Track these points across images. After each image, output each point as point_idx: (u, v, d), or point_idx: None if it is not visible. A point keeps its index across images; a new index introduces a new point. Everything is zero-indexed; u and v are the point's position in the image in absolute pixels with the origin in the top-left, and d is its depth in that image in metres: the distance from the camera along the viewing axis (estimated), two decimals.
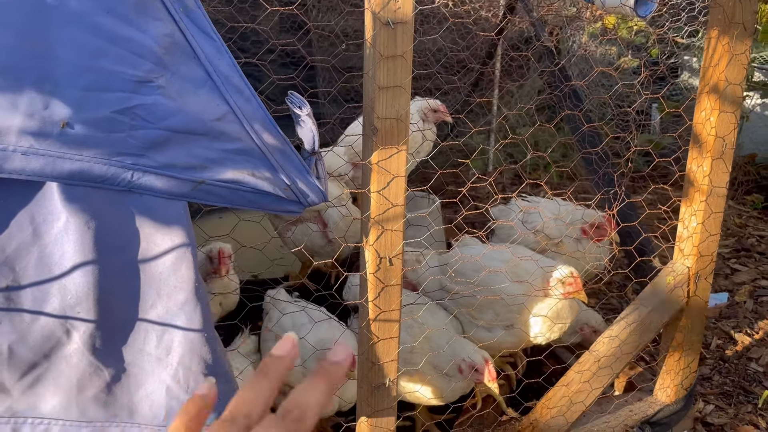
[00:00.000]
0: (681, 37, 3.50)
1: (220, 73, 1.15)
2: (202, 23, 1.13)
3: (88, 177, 1.11)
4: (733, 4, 1.71)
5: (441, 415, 2.17)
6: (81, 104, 1.07)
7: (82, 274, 1.15)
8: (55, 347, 1.19)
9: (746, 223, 4.25)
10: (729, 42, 1.75)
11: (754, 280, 3.59)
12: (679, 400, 2.16)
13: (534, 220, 2.45)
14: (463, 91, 4.05)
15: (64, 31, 1.04)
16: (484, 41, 3.73)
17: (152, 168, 1.15)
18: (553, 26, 3.33)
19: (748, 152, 4.92)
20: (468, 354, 1.93)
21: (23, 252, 1.15)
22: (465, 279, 2.06)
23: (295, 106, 1.27)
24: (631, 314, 2.01)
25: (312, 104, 1.30)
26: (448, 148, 3.80)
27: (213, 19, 1.15)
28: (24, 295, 1.16)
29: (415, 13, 1.34)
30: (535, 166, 4.67)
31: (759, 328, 3.16)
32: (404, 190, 1.45)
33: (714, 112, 1.82)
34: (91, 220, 1.15)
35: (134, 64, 1.08)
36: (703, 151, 1.87)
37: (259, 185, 1.24)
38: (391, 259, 1.49)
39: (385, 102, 1.37)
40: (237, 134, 1.19)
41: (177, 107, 1.13)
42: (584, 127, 2.33)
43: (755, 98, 4.89)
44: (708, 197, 1.90)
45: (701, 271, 2.00)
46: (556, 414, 1.96)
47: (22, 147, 1.06)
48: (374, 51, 1.33)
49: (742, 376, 2.84)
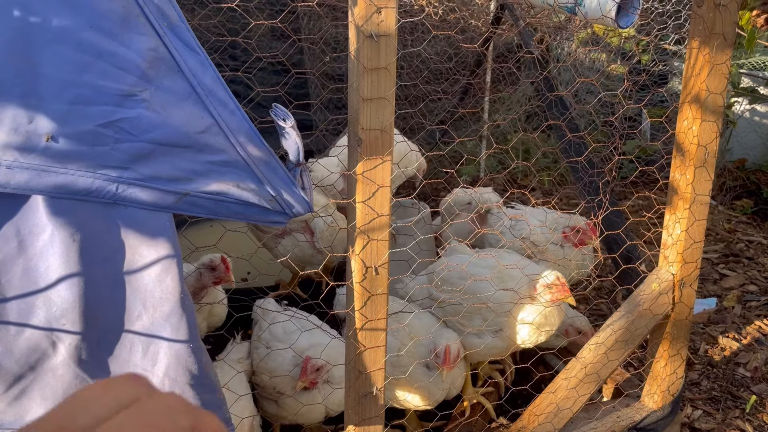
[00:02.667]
0: (668, 44, 3.53)
1: (204, 86, 1.16)
2: (186, 38, 1.14)
3: (73, 190, 1.13)
4: (713, 16, 1.74)
5: (430, 423, 2.18)
6: (65, 118, 1.08)
7: (68, 287, 1.16)
8: (41, 359, 1.20)
9: (735, 228, 4.28)
10: (710, 52, 1.77)
11: (743, 285, 3.61)
12: (666, 405, 2.17)
13: (522, 228, 2.47)
14: (452, 99, 4.07)
15: (49, 47, 1.05)
16: (472, 50, 3.75)
17: (137, 180, 1.16)
18: (542, 34, 3.36)
19: (738, 158, 4.96)
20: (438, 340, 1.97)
21: (8, 264, 1.15)
22: (451, 287, 2.08)
23: (279, 119, 1.29)
24: (617, 321, 2.03)
25: (303, 112, 1.32)
26: (436, 156, 3.82)
27: (203, 28, 1.17)
28: (9, 307, 1.16)
29: (403, 23, 1.36)
30: (526, 172, 4.70)
31: (747, 333, 3.19)
32: (389, 200, 1.46)
33: (696, 121, 1.84)
34: (76, 232, 1.16)
35: (118, 78, 1.10)
36: (686, 160, 1.90)
37: (244, 197, 1.25)
38: (377, 268, 1.50)
39: (369, 113, 1.38)
40: (221, 146, 1.20)
41: (161, 120, 1.14)
42: (569, 135, 2.35)
43: (744, 104, 4.93)
44: (691, 205, 1.92)
45: (686, 278, 2.02)
46: (543, 421, 1.97)
47: (6, 161, 1.07)
48: (358, 63, 1.34)
49: (730, 381, 2.86)
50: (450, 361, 1.94)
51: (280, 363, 2.00)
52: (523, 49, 3.19)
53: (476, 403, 2.25)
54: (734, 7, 1.75)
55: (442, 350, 1.95)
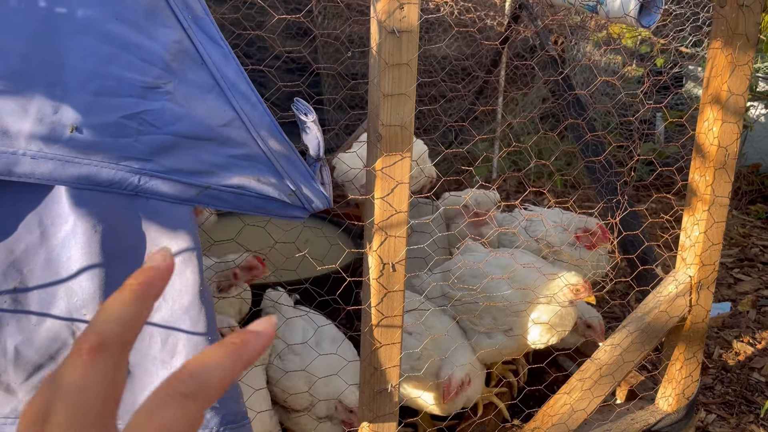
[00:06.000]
0: (685, 46, 3.51)
1: (227, 79, 1.17)
2: (210, 30, 1.14)
3: (96, 181, 1.13)
4: (736, 16, 1.73)
5: (443, 422, 2.18)
6: (90, 109, 1.09)
7: (89, 277, 1.17)
8: (62, 349, 1.20)
9: (750, 232, 4.25)
10: (732, 53, 1.76)
11: (757, 290, 3.58)
12: (681, 409, 2.16)
13: (536, 228, 2.46)
14: (467, 98, 4.06)
15: (74, 38, 1.06)
16: (489, 49, 3.74)
17: (159, 172, 1.17)
18: (558, 35, 3.35)
19: (753, 162, 4.92)
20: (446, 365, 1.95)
21: (31, 254, 1.16)
22: (465, 285, 2.07)
23: (301, 113, 1.29)
24: (633, 323, 2.01)
25: (317, 111, 1.32)
26: (452, 155, 3.82)
27: (219, 25, 1.17)
28: (31, 297, 1.17)
29: (420, 21, 1.36)
30: (540, 174, 4.68)
31: (761, 338, 3.16)
32: (408, 196, 1.46)
33: (717, 123, 1.83)
34: (98, 223, 1.16)
35: (143, 71, 1.10)
36: (706, 161, 1.88)
37: (265, 190, 1.26)
38: (394, 264, 1.50)
39: (389, 109, 1.38)
40: (243, 140, 1.21)
41: (184, 113, 1.14)
42: (587, 135, 2.34)
43: (760, 108, 4.89)
44: (710, 207, 1.91)
45: (703, 281, 2.00)
46: (557, 421, 1.97)
47: (31, 151, 1.07)
48: (379, 59, 1.34)
49: (744, 386, 2.84)
50: (449, 395, 1.93)
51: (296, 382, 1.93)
52: (540, 48, 3.18)
53: (489, 403, 2.24)
54: (757, 7, 1.74)
55: (446, 381, 1.94)
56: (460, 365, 1.98)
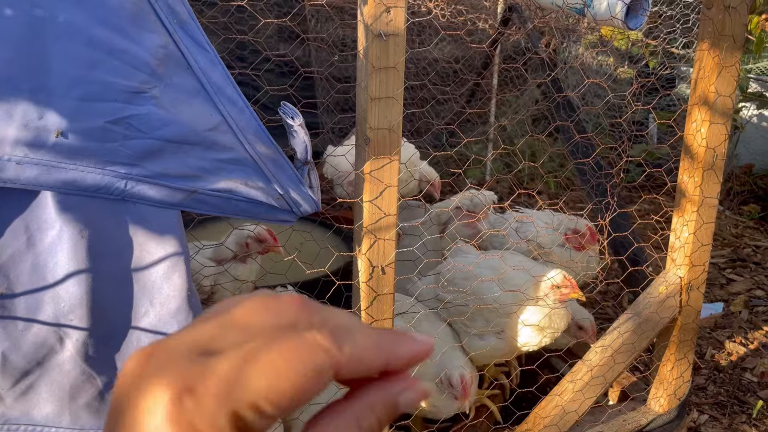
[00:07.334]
0: (676, 48, 3.52)
1: (213, 83, 1.17)
2: (196, 35, 1.14)
3: (82, 186, 1.13)
4: (722, 18, 1.74)
5: (434, 425, 2.18)
6: (75, 114, 1.08)
7: (76, 283, 1.17)
8: (49, 355, 1.20)
9: (742, 233, 4.26)
10: (719, 54, 1.77)
11: (750, 290, 3.59)
12: (673, 410, 2.16)
13: (527, 230, 2.47)
14: (458, 101, 4.07)
15: (59, 43, 1.05)
16: (480, 52, 3.75)
17: (146, 177, 1.16)
18: (550, 37, 3.36)
19: (745, 162, 4.94)
20: (449, 367, 1.94)
21: (17, 260, 1.16)
22: (456, 288, 2.07)
23: (288, 117, 1.29)
24: (624, 324, 2.02)
25: (309, 114, 1.32)
26: (443, 158, 3.82)
27: (210, 29, 1.17)
28: (17, 302, 1.17)
29: (411, 24, 1.36)
30: (532, 175, 4.69)
31: (754, 338, 3.17)
32: (396, 199, 1.46)
33: (705, 124, 1.84)
34: (84, 228, 1.16)
35: (128, 75, 1.10)
36: (695, 162, 1.89)
37: (252, 194, 1.25)
38: (384, 267, 1.50)
39: (377, 113, 1.38)
40: (230, 144, 1.20)
41: (170, 117, 1.14)
42: (576, 137, 2.35)
43: (752, 109, 4.91)
44: (699, 208, 1.91)
45: (693, 281, 2.01)
46: (548, 423, 1.97)
47: (16, 156, 1.07)
48: (366, 62, 1.34)
49: (736, 386, 2.84)
50: (468, 393, 1.92)
51: None
52: (531, 51, 3.19)
53: (481, 405, 2.24)
54: (744, 9, 1.75)
55: (458, 381, 1.93)
56: (457, 366, 1.98)
